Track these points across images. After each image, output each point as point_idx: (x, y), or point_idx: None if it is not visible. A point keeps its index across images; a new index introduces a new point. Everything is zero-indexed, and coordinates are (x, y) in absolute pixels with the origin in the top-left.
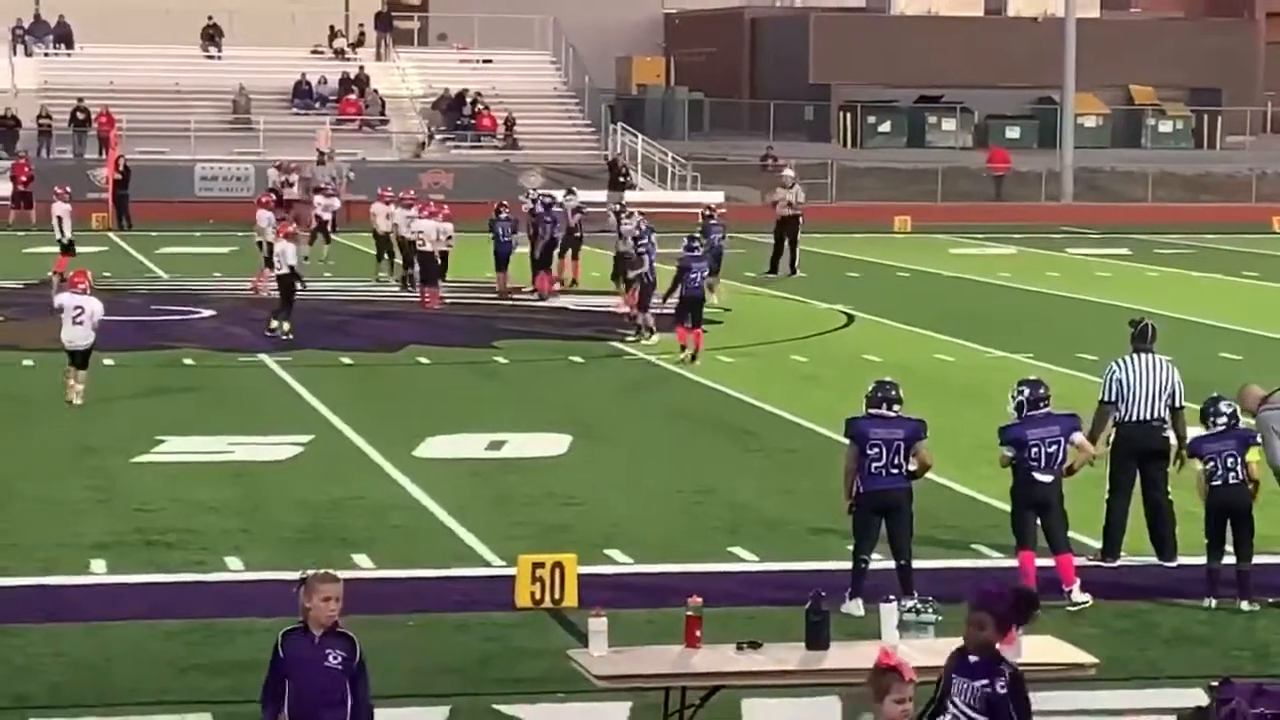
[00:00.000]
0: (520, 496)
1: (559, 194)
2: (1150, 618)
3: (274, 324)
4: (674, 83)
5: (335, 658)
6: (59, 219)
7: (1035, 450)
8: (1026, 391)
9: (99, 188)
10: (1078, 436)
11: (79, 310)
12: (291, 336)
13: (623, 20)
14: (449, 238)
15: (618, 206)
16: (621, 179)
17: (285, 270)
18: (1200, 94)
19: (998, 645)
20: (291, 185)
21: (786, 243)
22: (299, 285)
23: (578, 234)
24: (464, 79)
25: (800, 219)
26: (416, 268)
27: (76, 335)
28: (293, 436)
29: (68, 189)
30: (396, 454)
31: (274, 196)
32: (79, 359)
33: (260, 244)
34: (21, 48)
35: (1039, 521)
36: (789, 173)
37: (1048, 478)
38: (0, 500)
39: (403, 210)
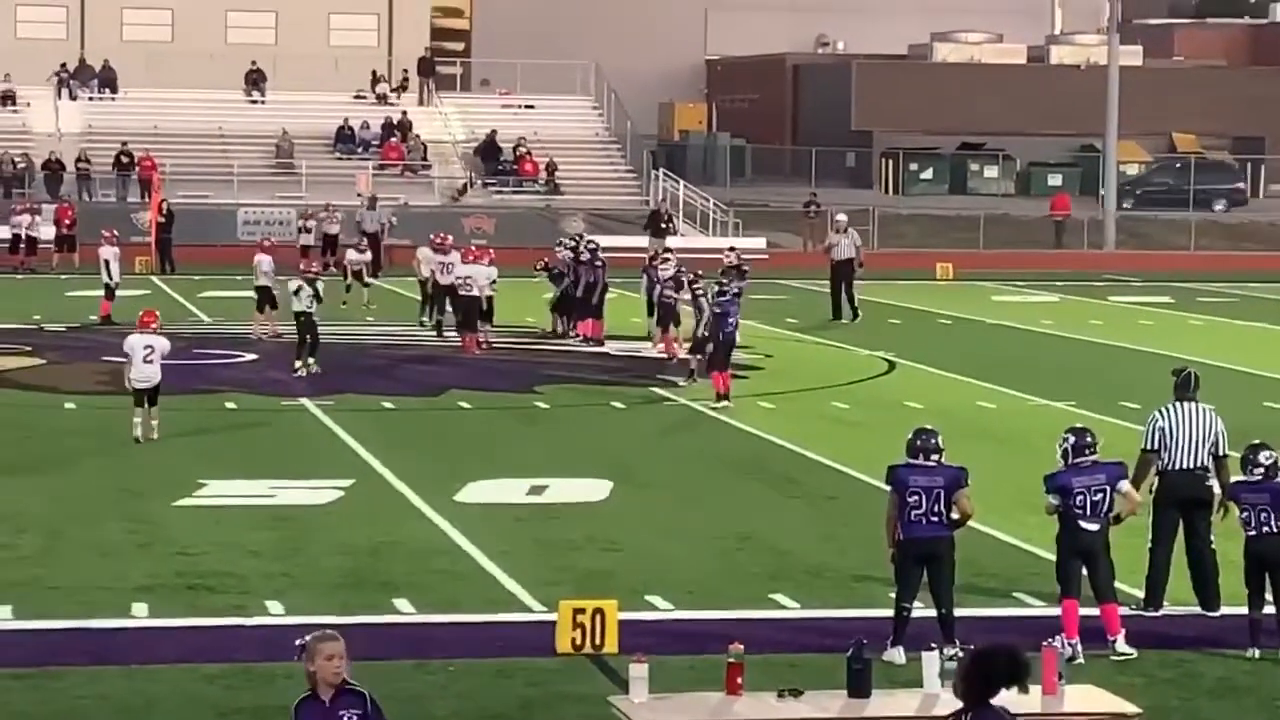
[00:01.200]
0: (561, 542)
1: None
2: (1193, 668)
3: (298, 364)
4: (716, 129)
5: (350, 718)
6: (106, 262)
7: (1080, 498)
8: (1072, 439)
9: (142, 231)
10: (1124, 485)
11: (149, 349)
12: (317, 370)
13: (665, 66)
14: (493, 283)
15: (661, 253)
16: (664, 225)
17: (304, 309)
18: (1243, 142)
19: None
20: (309, 231)
21: (844, 287)
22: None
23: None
24: (506, 124)
25: (856, 264)
26: (450, 312)
27: (148, 373)
28: (334, 480)
29: (115, 232)
30: (437, 498)
31: (273, 241)
32: (150, 397)
33: (259, 288)
34: (66, 92)
35: (1085, 570)
36: (842, 218)
37: (1093, 526)
38: (43, 543)
39: (439, 256)
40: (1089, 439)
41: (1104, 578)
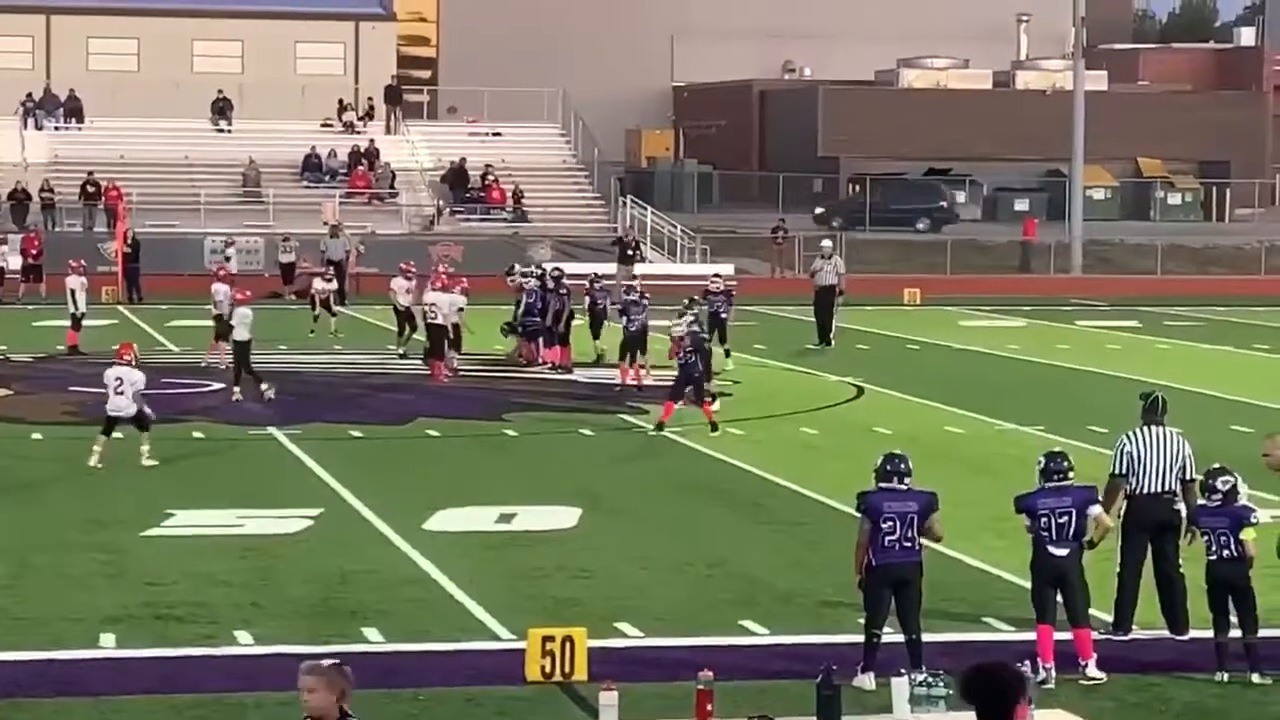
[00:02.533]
0: (530, 569)
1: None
2: (1163, 692)
3: (264, 387)
4: (683, 155)
5: None
6: (72, 291)
7: (1045, 520)
8: (1043, 462)
9: (108, 261)
10: (1094, 510)
11: (119, 381)
12: (272, 396)
13: (632, 93)
14: (460, 310)
15: (629, 282)
16: (630, 253)
17: (243, 336)
18: (1209, 166)
19: None
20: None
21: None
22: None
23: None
24: (473, 152)
25: (839, 290)
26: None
27: (119, 404)
28: (302, 510)
29: (82, 262)
30: (406, 527)
31: (227, 268)
32: (123, 426)
33: (217, 316)
34: (32, 121)
35: (1059, 595)
36: (826, 244)
37: (1061, 550)
38: (10, 574)
39: (405, 281)
40: (1063, 463)
41: (1078, 603)
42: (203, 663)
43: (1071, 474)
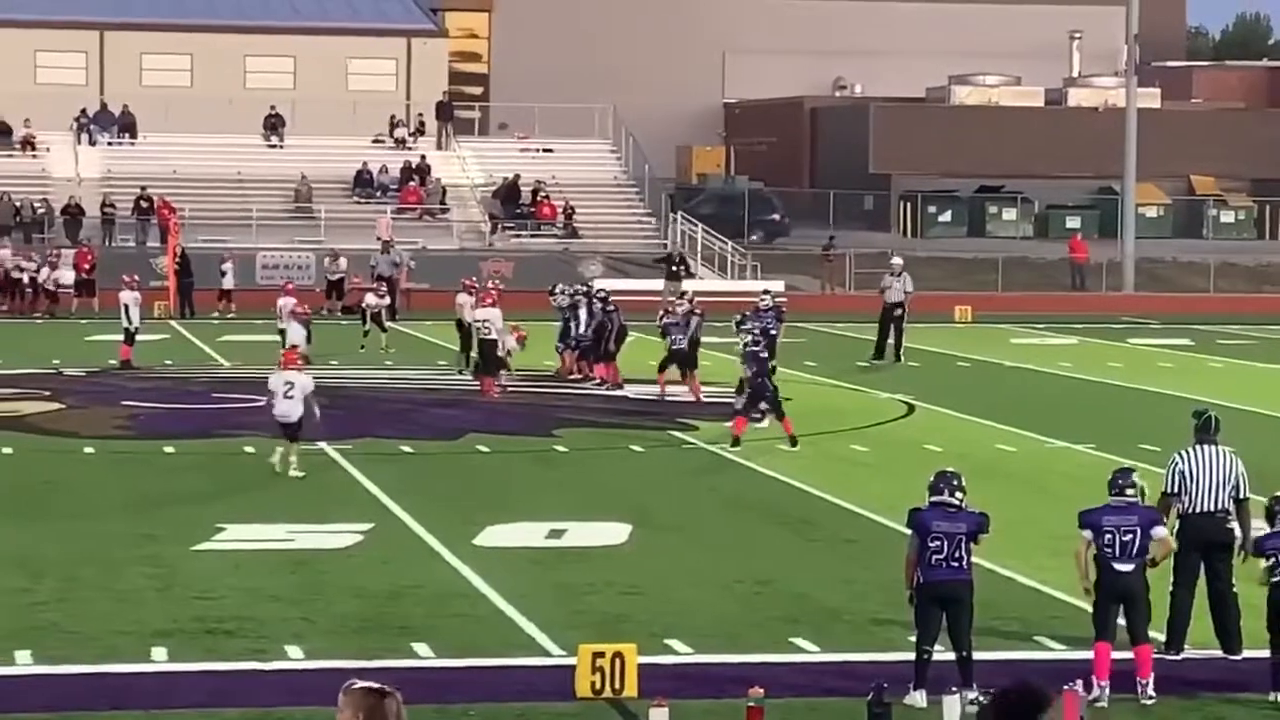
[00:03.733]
0: (580, 585)
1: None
2: (1215, 711)
3: None
4: (734, 172)
5: None
6: (126, 307)
7: (1109, 537)
8: (1111, 477)
9: (160, 276)
10: (1159, 531)
11: (289, 385)
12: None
13: (683, 110)
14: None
15: (679, 297)
16: (675, 269)
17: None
18: (1262, 184)
19: None
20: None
21: (892, 330)
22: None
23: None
24: (524, 168)
25: (905, 309)
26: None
27: (286, 409)
28: (353, 525)
29: (136, 277)
30: (456, 542)
31: (292, 283)
32: (290, 431)
33: (282, 330)
34: (86, 137)
35: (1123, 612)
36: (897, 261)
37: (1125, 566)
38: (62, 588)
39: (468, 297)
40: (1131, 479)
41: (1139, 621)
42: (253, 677)
43: (1130, 491)
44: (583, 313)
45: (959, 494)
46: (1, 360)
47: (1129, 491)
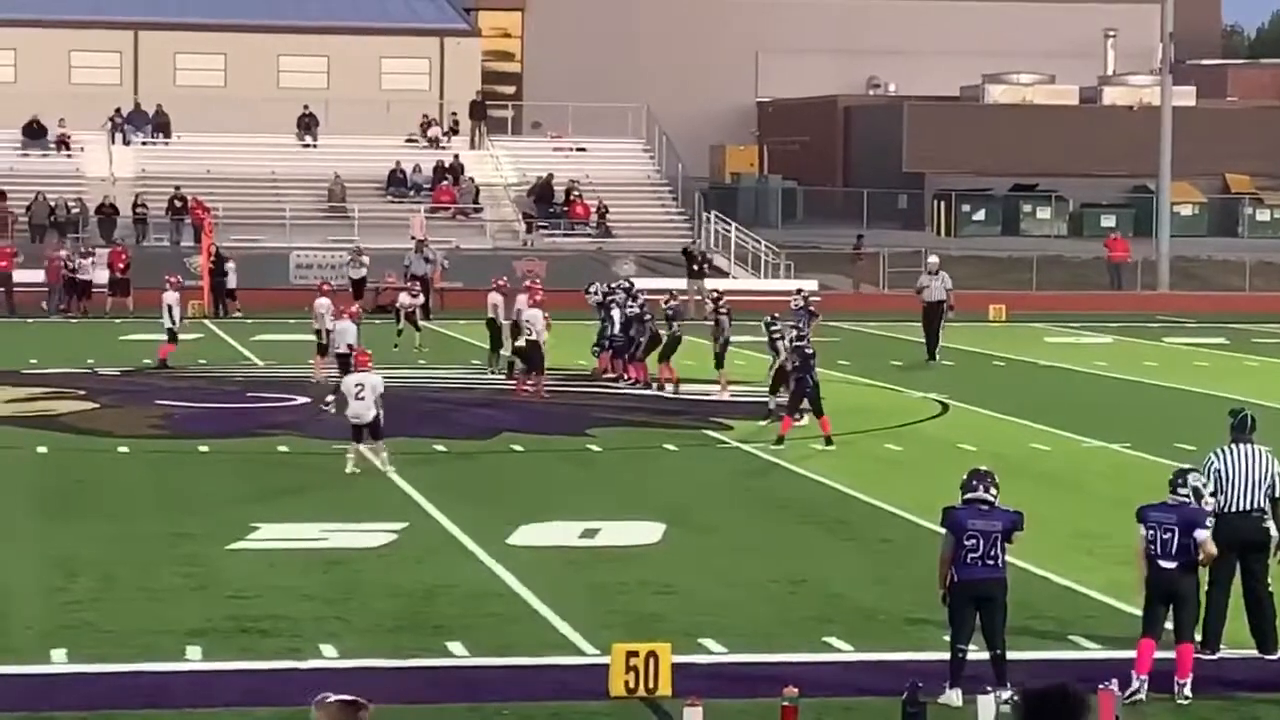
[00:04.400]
0: (614, 585)
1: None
2: (1251, 711)
3: (329, 399)
4: (767, 171)
5: None
6: (169, 307)
7: (1152, 533)
8: (1172, 475)
9: (195, 275)
10: (1200, 534)
11: (360, 387)
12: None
13: (716, 109)
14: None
15: (714, 295)
16: (696, 266)
17: (343, 349)
18: None
19: None
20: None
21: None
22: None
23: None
24: (557, 167)
25: (946, 307)
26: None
27: (358, 410)
28: (387, 524)
29: (179, 278)
30: (490, 541)
31: (329, 284)
32: (364, 432)
33: (318, 331)
34: (120, 136)
35: (1171, 612)
36: (934, 260)
37: (1168, 564)
38: (97, 587)
39: (500, 296)
40: (1183, 479)
41: (1185, 621)
42: (287, 676)
43: (1182, 491)
44: (615, 312)
45: (993, 490)
46: (36, 359)
47: (1180, 491)
